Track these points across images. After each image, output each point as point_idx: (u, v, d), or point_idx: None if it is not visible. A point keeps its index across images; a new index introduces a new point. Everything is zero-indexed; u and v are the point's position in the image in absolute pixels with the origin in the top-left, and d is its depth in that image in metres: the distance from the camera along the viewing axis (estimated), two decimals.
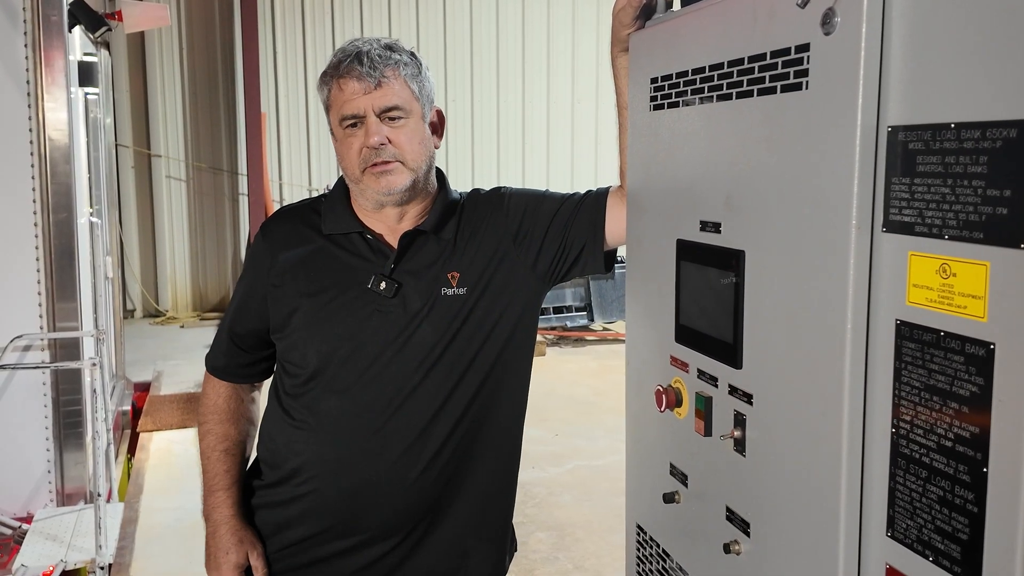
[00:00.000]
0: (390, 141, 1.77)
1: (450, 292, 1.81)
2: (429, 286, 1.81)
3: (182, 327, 10.21)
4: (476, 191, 1.99)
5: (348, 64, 1.77)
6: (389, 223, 1.86)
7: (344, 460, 1.82)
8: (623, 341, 2.08)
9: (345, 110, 1.78)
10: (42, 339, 4.46)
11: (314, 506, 1.84)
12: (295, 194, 10.89)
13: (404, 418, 1.80)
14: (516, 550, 2.10)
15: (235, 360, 1.96)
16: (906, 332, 1.22)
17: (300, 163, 10.96)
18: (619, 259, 7.88)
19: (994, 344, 1.09)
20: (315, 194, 10.83)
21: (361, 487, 1.81)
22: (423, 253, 1.84)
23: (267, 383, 2.02)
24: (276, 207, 10.66)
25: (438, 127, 1.90)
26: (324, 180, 10.76)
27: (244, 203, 10.59)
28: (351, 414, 1.81)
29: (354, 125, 1.78)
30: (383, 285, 1.79)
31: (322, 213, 1.89)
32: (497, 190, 1.98)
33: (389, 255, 1.82)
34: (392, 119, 1.77)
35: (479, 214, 1.92)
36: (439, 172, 1.95)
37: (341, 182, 1.91)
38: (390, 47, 1.81)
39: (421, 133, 1.82)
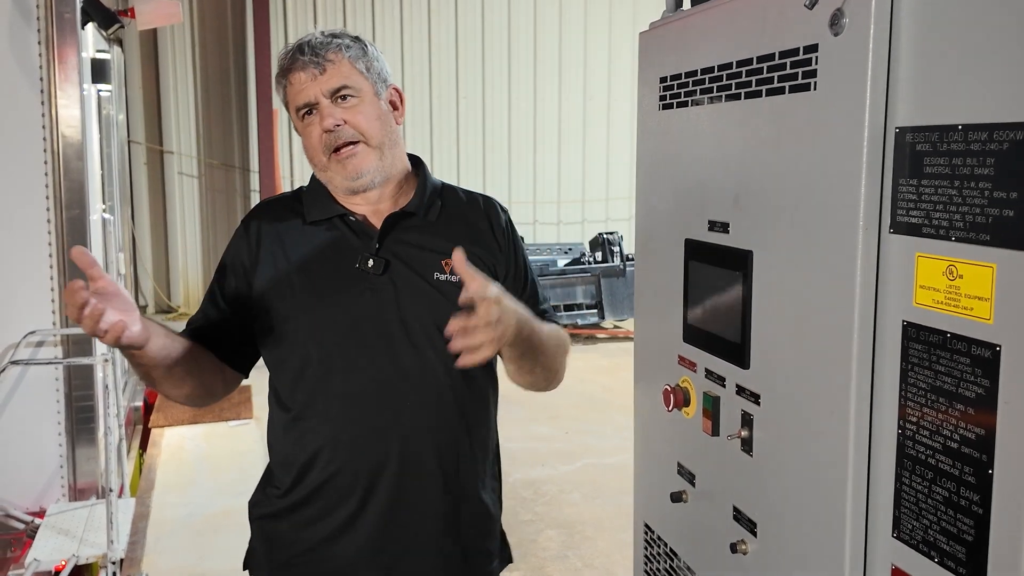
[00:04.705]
0: (346, 122, 1.79)
1: (443, 278, 1.82)
2: (420, 269, 1.82)
3: None
4: (488, 197, 1.99)
5: (291, 57, 1.82)
6: (370, 204, 1.87)
7: (361, 439, 1.81)
8: (633, 339, 2.08)
9: (298, 100, 1.81)
10: (55, 335, 4.47)
11: (334, 494, 1.84)
12: None
13: (408, 394, 1.79)
14: (511, 561, 2.08)
15: (207, 338, 1.90)
16: (913, 333, 1.22)
17: None
18: (630, 257, 7.90)
19: (1000, 346, 1.09)
20: None
21: (378, 467, 1.81)
22: (409, 233, 1.85)
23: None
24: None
25: (398, 106, 1.91)
26: None
27: (255, 200, 10.61)
28: (355, 395, 1.80)
29: (310, 113, 1.81)
30: (371, 263, 1.80)
31: (304, 202, 1.90)
32: (507, 213, 1.99)
33: (373, 235, 1.84)
34: (344, 99, 1.80)
35: (476, 213, 1.92)
36: (415, 157, 1.97)
37: None
38: (333, 34, 1.85)
39: (377, 110, 1.83)
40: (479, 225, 1.91)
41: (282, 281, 1.84)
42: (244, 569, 1.98)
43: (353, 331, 1.80)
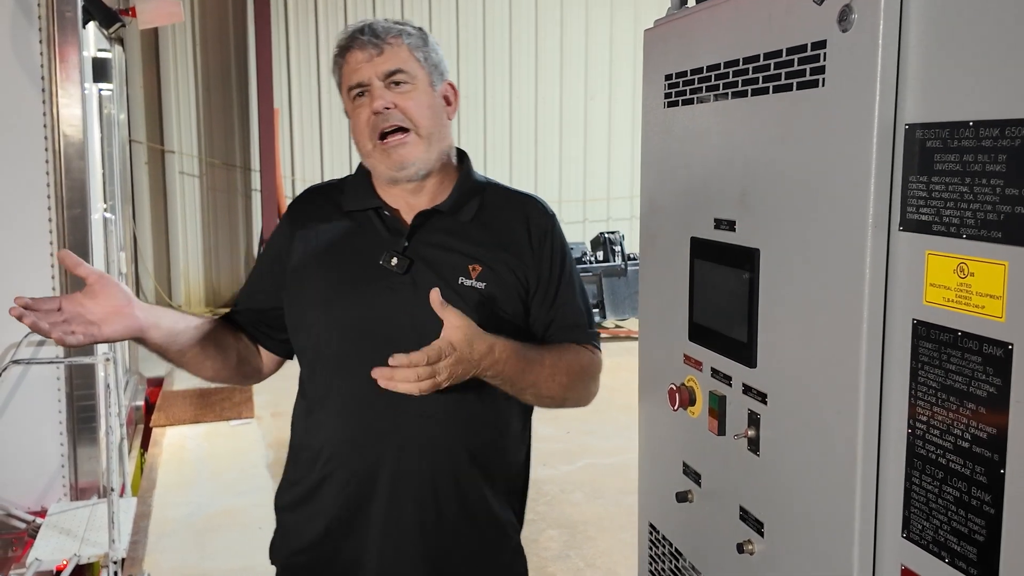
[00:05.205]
0: (396, 106, 1.76)
1: (467, 283, 1.79)
2: (444, 271, 1.78)
3: None
4: (534, 198, 1.95)
5: (351, 36, 1.80)
6: (407, 198, 1.84)
7: (357, 440, 1.80)
8: (635, 339, 2.07)
9: (351, 80, 1.79)
10: None
11: (331, 491, 1.82)
12: None
13: (410, 402, 1.75)
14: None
15: (245, 318, 1.94)
16: (923, 332, 1.21)
17: (313, 159, 10.97)
18: (631, 256, 7.87)
19: (1012, 344, 1.08)
20: None
21: (374, 470, 1.79)
22: (439, 234, 1.81)
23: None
24: (288, 203, 10.67)
25: (452, 101, 1.89)
26: (337, 176, 10.69)
27: (257, 199, 10.60)
28: (359, 393, 1.76)
29: (361, 95, 1.79)
30: (394, 261, 1.77)
31: (345, 190, 1.90)
32: (552, 218, 1.92)
33: (404, 232, 1.81)
34: (397, 84, 1.77)
35: (515, 215, 1.87)
36: (461, 152, 1.93)
37: None
38: (397, 21, 1.83)
39: (430, 99, 1.80)
40: (515, 229, 1.85)
41: (308, 270, 1.84)
42: (269, 558, 1.99)
43: (366, 329, 1.78)
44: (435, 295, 1.55)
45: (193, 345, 1.78)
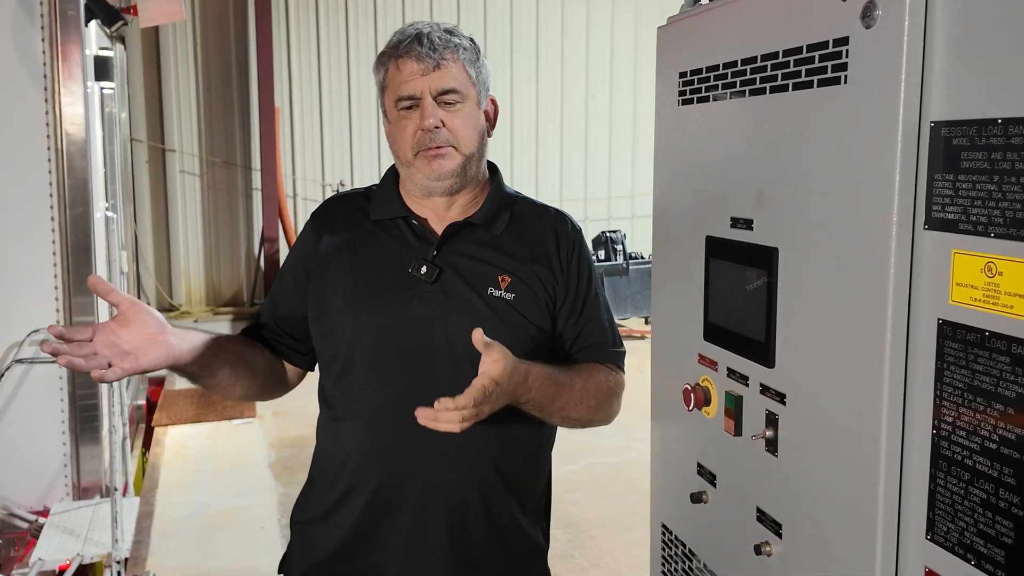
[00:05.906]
0: (444, 125, 1.74)
1: (497, 294, 1.77)
2: (475, 282, 1.77)
3: (196, 321, 10.22)
4: (562, 213, 1.93)
5: (408, 44, 1.75)
6: (437, 210, 1.83)
7: (385, 450, 1.78)
8: (637, 338, 2.06)
9: (402, 91, 1.75)
10: None
11: (358, 501, 1.80)
12: (308, 189, 10.88)
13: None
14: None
15: (270, 331, 1.92)
16: (948, 332, 1.19)
17: (314, 158, 10.94)
18: (633, 255, 7.85)
19: None
20: (328, 189, 10.68)
21: (401, 481, 1.77)
22: (470, 245, 1.80)
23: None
24: (290, 202, 10.66)
25: (491, 116, 1.87)
26: (338, 175, 10.74)
27: (257, 198, 10.57)
28: (388, 403, 1.75)
29: (410, 107, 1.76)
30: (424, 269, 1.75)
31: (372, 199, 1.88)
32: (579, 234, 1.92)
33: (433, 241, 1.80)
34: (448, 103, 1.75)
35: (544, 229, 1.86)
36: (492, 165, 1.92)
37: (393, 168, 1.89)
38: (450, 31, 1.79)
39: (476, 119, 1.79)
40: (545, 242, 1.85)
41: (336, 278, 1.81)
42: (279, 573, 1.96)
43: (395, 338, 1.76)
44: (478, 335, 1.53)
45: (222, 368, 1.76)
